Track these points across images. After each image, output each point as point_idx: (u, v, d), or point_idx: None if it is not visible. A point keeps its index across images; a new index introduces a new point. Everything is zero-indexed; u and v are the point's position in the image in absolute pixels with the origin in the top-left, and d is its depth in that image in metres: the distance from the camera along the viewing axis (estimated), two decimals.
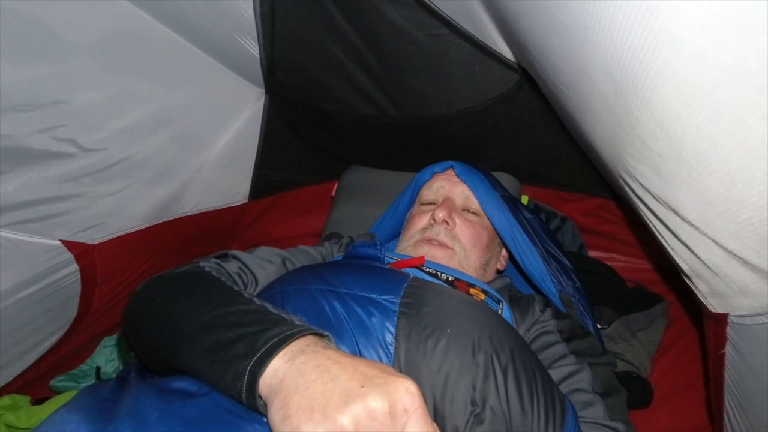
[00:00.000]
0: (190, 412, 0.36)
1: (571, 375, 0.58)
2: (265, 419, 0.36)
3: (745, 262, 0.47)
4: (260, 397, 0.37)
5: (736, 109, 0.37)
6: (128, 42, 0.79)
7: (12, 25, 0.64)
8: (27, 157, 0.74)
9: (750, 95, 0.35)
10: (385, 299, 0.49)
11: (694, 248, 0.52)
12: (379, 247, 0.68)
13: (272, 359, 0.37)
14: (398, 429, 0.33)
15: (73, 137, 0.79)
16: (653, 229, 0.60)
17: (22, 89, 0.69)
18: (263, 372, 0.36)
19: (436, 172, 0.89)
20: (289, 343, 0.38)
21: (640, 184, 0.55)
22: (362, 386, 0.34)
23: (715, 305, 0.58)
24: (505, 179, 1.12)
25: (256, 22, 0.85)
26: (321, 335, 0.41)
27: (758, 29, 0.32)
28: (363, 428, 0.32)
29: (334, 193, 1.33)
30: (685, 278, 0.61)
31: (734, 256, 0.47)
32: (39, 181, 0.78)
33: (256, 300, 0.45)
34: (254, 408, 0.37)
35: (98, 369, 1.06)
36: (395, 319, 0.47)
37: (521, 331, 0.65)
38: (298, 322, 0.41)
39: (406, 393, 0.34)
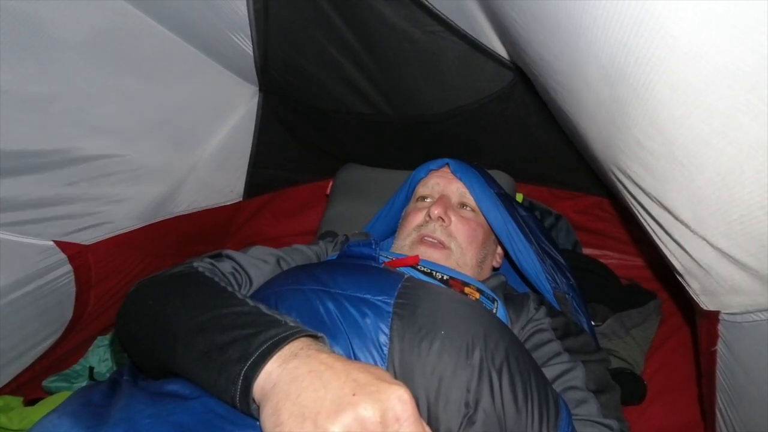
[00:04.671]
0: (182, 417, 0.36)
1: (564, 373, 0.58)
2: (257, 423, 0.36)
3: (735, 261, 0.47)
4: (254, 401, 0.36)
5: (728, 109, 0.37)
6: (120, 39, 0.78)
7: (0, 23, 0.63)
8: (18, 158, 0.73)
9: (742, 95, 0.35)
10: (379, 300, 0.49)
11: (685, 247, 0.52)
12: (373, 246, 0.67)
13: (265, 363, 0.36)
14: None
15: (65, 136, 0.78)
16: (646, 227, 0.60)
17: (12, 88, 0.68)
18: (257, 377, 0.36)
19: (431, 170, 0.89)
20: (282, 347, 0.37)
21: (634, 182, 0.55)
22: (354, 394, 0.33)
23: (706, 303, 0.58)
24: (500, 177, 1.12)
25: (250, 20, 0.84)
26: (315, 337, 0.40)
27: (751, 29, 0.32)
28: None
29: (329, 191, 1.32)
30: (677, 276, 0.61)
31: (725, 254, 0.47)
32: (31, 181, 0.77)
33: (249, 301, 0.45)
34: (248, 412, 0.36)
35: (91, 369, 1.05)
36: (389, 320, 0.47)
37: (516, 330, 0.65)
38: (292, 324, 0.40)
39: (398, 401, 0.34)
